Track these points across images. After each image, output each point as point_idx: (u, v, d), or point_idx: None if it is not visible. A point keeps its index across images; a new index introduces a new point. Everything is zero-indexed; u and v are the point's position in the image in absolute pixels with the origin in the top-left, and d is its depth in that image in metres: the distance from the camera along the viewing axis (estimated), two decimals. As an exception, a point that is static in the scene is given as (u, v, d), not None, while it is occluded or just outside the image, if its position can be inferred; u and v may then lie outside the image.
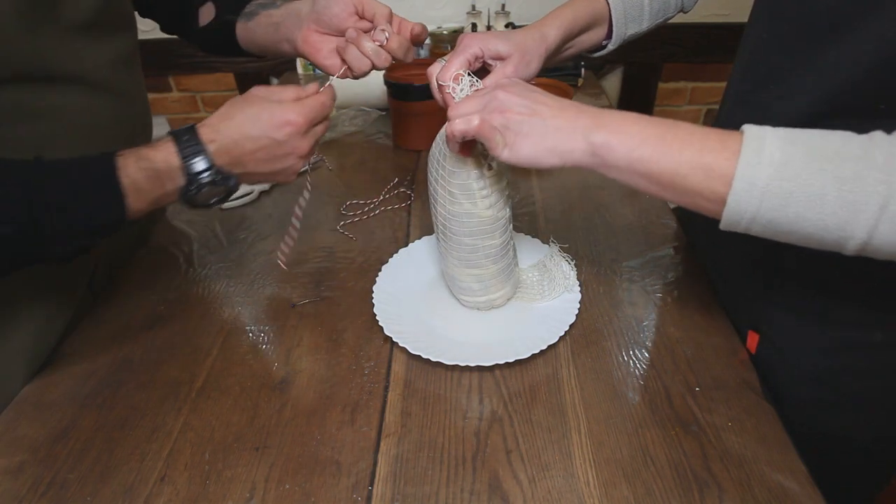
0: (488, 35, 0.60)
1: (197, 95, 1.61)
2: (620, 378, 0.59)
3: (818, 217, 0.40)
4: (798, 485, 0.49)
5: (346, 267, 0.76)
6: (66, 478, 0.51)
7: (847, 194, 0.39)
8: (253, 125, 0.53)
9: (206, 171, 0.52)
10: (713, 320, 0.65)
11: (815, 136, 0.41)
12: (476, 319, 0.67)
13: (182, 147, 0.51)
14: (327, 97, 0.58)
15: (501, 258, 0.63)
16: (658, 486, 0.49)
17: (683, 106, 1.60)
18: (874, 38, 0.44)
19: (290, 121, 0.54)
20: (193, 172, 0.52)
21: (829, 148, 0.40)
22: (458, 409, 0.56)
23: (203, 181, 0.52)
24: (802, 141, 0.41)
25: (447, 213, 0.60)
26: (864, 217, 0.39)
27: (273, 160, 0.55)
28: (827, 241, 0.41)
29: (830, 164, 0.39)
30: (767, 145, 0.41)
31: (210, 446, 0.54)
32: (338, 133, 1.13)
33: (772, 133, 0.42)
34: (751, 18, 0.60)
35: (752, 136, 0.42)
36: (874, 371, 0.57)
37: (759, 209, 0.41)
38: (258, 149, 0.54)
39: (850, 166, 0.39)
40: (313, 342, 0.65)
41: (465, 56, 0.57)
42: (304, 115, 0.55)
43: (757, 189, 0.41)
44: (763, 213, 0.41)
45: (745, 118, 0.60)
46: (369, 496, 0.49)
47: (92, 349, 0.65)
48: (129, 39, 0.69)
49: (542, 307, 0.67)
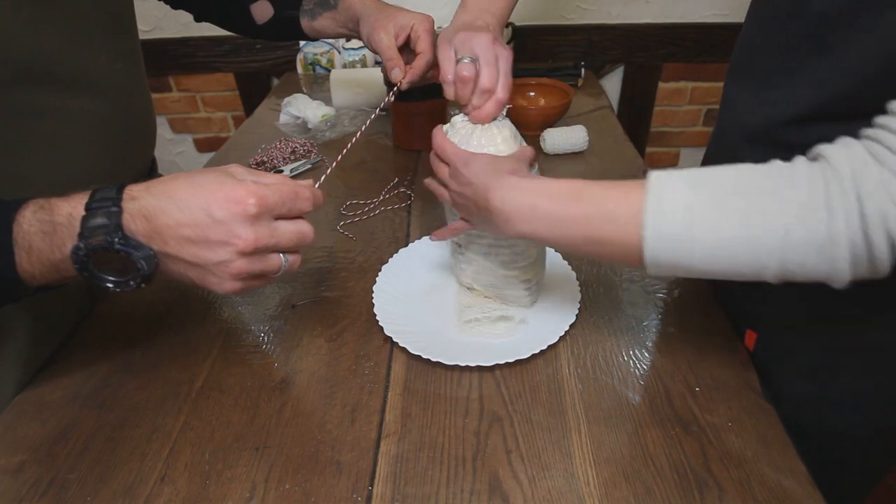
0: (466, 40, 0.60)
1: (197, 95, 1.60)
2: (620, 378, 0.59)
3: (728, 256, 0.42)
4: (798, 485, 0.49)
5: (346, 267, 0.76)
6: (66, 478, 0.51)
7: (751, 230, 0.40)
8: (191, 193, 0.41)
9: (101, 227, 0.39)
10: (713, 320, 0.65)
11: (713, 175, 0.43)
12: (476, 319, 0.67)
13: (93, 198, 0.41)
14: (306, 190, 0.46)
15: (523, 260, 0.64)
16: (658, 486, 0.49)
17: (683, 106, 1.60)
18: (865, 47, 0.45)
19: (238, 198, 0.41)
20: (88, 227, 0.40)
21: (726, 186, 0.42)
22: (458, 409, 0.56)
23: (93, 243, 0.39)
24: (703, 182, 0.43)
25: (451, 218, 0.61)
26: (772, 251, 0.40)
27: (202, 245, 0.41)
28: (746, 272, 0.43)
29: (731, 202, 0.41)
30: (671, 193, 0.43)
31: (210, 446, 0.54)
32: (338, 133, 1.13)
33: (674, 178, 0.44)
34: (745, 23, 0.61)
35: (654, 186, 0.44)
36: (870, 369, 0.57)
37: (671, 255, 0.43)
38: (187, 223, 0.41)
39: (746, 202, 0.41)
40: (313, 342, 0.65)
41: None
42: (261, 196, 0.42)
43: (664, 235, 0.43)
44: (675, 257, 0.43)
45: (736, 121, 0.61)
46: (369, 496, 0.49)
47: (92, 349, 0.65)
48: (131, 40, 0.69)
49: (542, 307, 0.67)
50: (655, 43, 1.49)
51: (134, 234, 0.41)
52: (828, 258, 0.39)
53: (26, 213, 0.40)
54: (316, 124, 1.12)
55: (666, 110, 1.61)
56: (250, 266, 0.43)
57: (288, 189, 0.44)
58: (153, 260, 0.42)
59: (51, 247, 0.41)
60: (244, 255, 0.42)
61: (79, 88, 0.59)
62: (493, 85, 0.57)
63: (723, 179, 0.43)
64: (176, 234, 0.41)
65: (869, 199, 0.37)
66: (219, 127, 1.68)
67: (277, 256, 0.45)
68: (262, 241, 0.43)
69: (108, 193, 0.41)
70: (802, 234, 0.39)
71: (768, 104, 0.55)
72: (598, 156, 1.03)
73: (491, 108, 0.58)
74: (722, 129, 0.66)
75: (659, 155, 1.70)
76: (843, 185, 0.38)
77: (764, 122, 0.55)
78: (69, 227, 0.40)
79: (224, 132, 1.69)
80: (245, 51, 1.53)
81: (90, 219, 0.40)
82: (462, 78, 0.57)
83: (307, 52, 1.43)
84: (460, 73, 0.57)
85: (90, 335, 0.67)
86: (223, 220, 0.41)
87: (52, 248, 0.41)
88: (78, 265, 0.40)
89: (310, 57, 1.44)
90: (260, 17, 0.78)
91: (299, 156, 1.05)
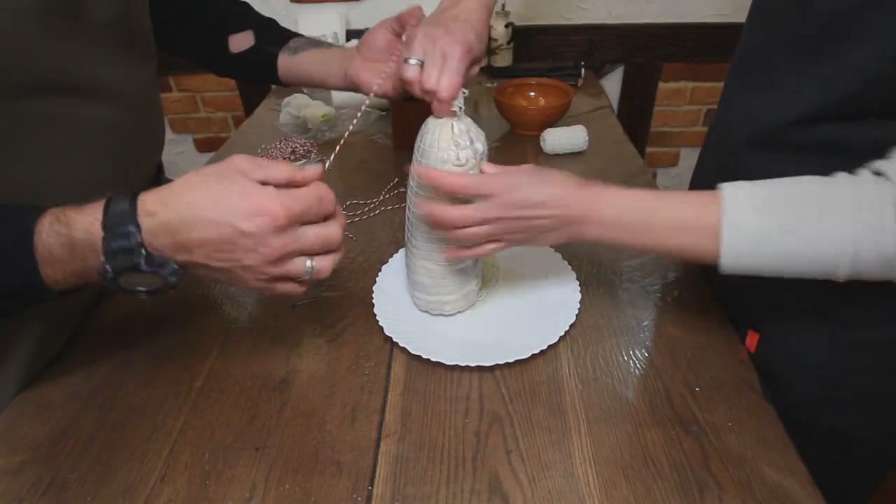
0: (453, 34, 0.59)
1: (197, 95, 1.60)
2: (620, 378, 0.59)
3: (800, 268, 0.47)
4: (798, 485, 0.49)
5: (346, 267, 0.76)
6: (66, 478, 0.51)
7: (819, 246, 0.45)
8: (214, 206, 0.41)
9: (127, 251, 0.41)
10: (713, 320, 0.65)
11: (783, 195, 0.47)
12: (476, 319, 0.67)
13: (109, 215, 0.41)
14: (330, 193, 0.47)
15: (458, 261, 0.62)
16: (658, 486, 0.49)
17: (683, 106, 1.60)
18: (871, 47, 0.45)
19: (266, 209, 0.42)
20: (111, 251, 0.41)
21: (794, 209, 0.46)
22: (458, 408, 0.56)
23: (119, 265, 0.41)
24: (773, 205, 0.47)
25: (412, 194, 0.60)
26: (842, 262, 0.45)
27: (230, 256, 0.43)
28: (816, 277, 0.47)
29: (800, 225, 0.45)
30: (742, 217, 0.47)
31: (210, 446, 0.54)
32: (338, 133, 1.13)
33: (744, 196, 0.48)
34: (747, 24, 0.61)
35: (727, 206, 0.48)
36: (874, 369, 0.57)
37: (750, 268, 0.49)
38: (214, 238, 0.42)
39: (817, 224, 0.45)
40: (313, 342, 0.65)
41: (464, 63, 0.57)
42: (287, 206, 0.43)
43: (743, 257, 0.48)
44: (751, 268, 0.49)
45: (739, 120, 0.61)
46: (369, 496, 0.49)
47: (92, 349, 0.65)
48: (148, 48, 0.69)
49: (542, 307, 0.67)
50: (655, 43, 1.49)
51: (158, 250, 0.42)
52: (890, 269, 0.44)
53: (44, 224, 0.41)
54: (316, 124, 1.12)
55: (666, 110, 1.61)
56: (276, 270, 0.45)
57: (313, 196, 0.45)
58: (180, 272, 0.43)
59: (72, 258, 0.41)
60: (271, 262, 0.44)
61: (95, 96, 0.58)
62: (432, 86, 0.56)
63: (793, 197, 0.47)
64: (203, 248, 0.42)
65: None
66: (219, 127, 1.68)
67: (302, 261, 0.46)
68: (288, 247, 0.44)
69: (122, 206, 0.41)
70: (872, 255, 0.44)
71: (772, 105, 0.55)
72: (597, 156, 1.03)
73: (436, 108, 0.57)
74: (721, 130, 0.66)
75: (659, 155, 1.70)
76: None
77: (768, 123, 0.55)
78: (89, 244, 0.41)
79: (224, 132, 1.69)
80: (245, 51, 1.53)
81: (111, 241, 0.41)
82: (406, 80, 0.59)
83: (307, 52, 1.43)
84: (403, 75, 0.59)
85: (91, 335, 0.67)
86: (251, 233, 0.42)
87: (73, 259, 0.41)
88: (107, 283, 0.42)
89: (310, 57, 1.44)
90: (237, 48, 0.77)
91: (299, 156, 1.05)
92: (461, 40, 0.57)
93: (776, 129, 0.54)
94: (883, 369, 0.57)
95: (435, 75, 0.56)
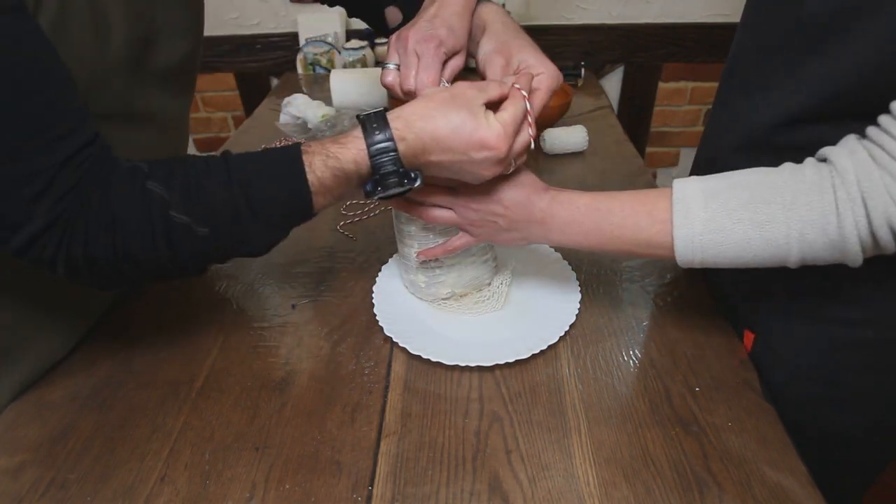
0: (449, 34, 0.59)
1: (197, 95, 1.60)
2: (620, 378, 0.59)
3: (753, 255, 0.48)
4: (798, 485, 0.49)
5: (346, 267, 0.76)
6: (66, 478, 0.51)
7: (767, 234, 0.47)
8: (453, 136, 0.50)
9: (390, 174, 0.50)
10: (713, 320, 0.65)
11: (730, 185, 0.49)
12: (476, 319, 0.67)
13: (372, 145, 0.49)
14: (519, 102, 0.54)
15: None
16: (658, 486, 0.49)
17: (683, 106, 1.60)
18: (859, 48, 0.46)
19: (492, 145, 0.50)
20: (380, 174, 0.50)
21: (741, 196, 0.48)
22: (458, 409, 0.56)
23: (389, 183, 0.51)
24: (720, 195, 0.49)
25: None
26: (790, 249, 0.46)
27: (455, 171, 0.53)
28: (770, 264, 0.49)
29: (746, 212, 0.47)
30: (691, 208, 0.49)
31: (210, 446, 0.54)
32: (338, 133, 1.13)
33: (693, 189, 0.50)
34: (740, 25, 0.61)
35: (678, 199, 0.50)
36: (868, 368, 0.57)
37: (706, 259, 0.50)
38: (447, 160, 0.51)
39: (763, 209, 0.47)
40: (313, 342, 0.65)
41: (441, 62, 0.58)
42: (508, 143, 0.51)
43: (696, 248, 0.49)
44: (707, 259, 0.50)
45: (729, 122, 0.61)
46: (369, 496, 0.49)
47: (92, 349, 0.65)
48: (193, 77, 0.74)
49: (543, 307, 0.67)
50: (655, 43, 1.49)
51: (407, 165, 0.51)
52: (840, 252, 0.45)
53: (316, 162, 0.49)
54: (316, 124, 1.12)
55: (666, 110, 1.61)
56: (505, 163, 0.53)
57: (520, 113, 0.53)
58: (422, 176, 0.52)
59: (339, 185, 0.50)
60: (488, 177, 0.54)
61: (143, 122, 0.62)
62: (411, 86, 0.58)
63: (739, 187, 0.49)
64: (437, 164, 0.52)
65: (873, 202, 0.42)
66: (219, 127, 1.68)
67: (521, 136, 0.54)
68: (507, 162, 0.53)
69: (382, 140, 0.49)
70: (816, 236, 0.45)
71: (762, 107, 0.55)
72: (597, 156, 1.03)
73: None
74: (714, 132, 0.66)
75: (659, 155, 1.70)
76: (849, 190, 0.43)
77: (758, 126, 0.56)
78: (357, 172, 0.50)
79: (224, 132, 1.69)
80: (245, 51, 1.53)
81: (380, 167, 0.50)
82: (386, 84, 0.60)
83: (307, 52, 1.44)
84: (383, 80, 0.60)
85: (90, 335, 0.67)
86: (479, 161, 0.51)
87: (339, 185, 0.50)
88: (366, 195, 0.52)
89: (310, 57, 1.44)
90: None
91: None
92: (429, 36, 0.58)
93: (766, 131, 0.55)
94: (874, 368, 0.57)
95: (411, 76, 0.57)
